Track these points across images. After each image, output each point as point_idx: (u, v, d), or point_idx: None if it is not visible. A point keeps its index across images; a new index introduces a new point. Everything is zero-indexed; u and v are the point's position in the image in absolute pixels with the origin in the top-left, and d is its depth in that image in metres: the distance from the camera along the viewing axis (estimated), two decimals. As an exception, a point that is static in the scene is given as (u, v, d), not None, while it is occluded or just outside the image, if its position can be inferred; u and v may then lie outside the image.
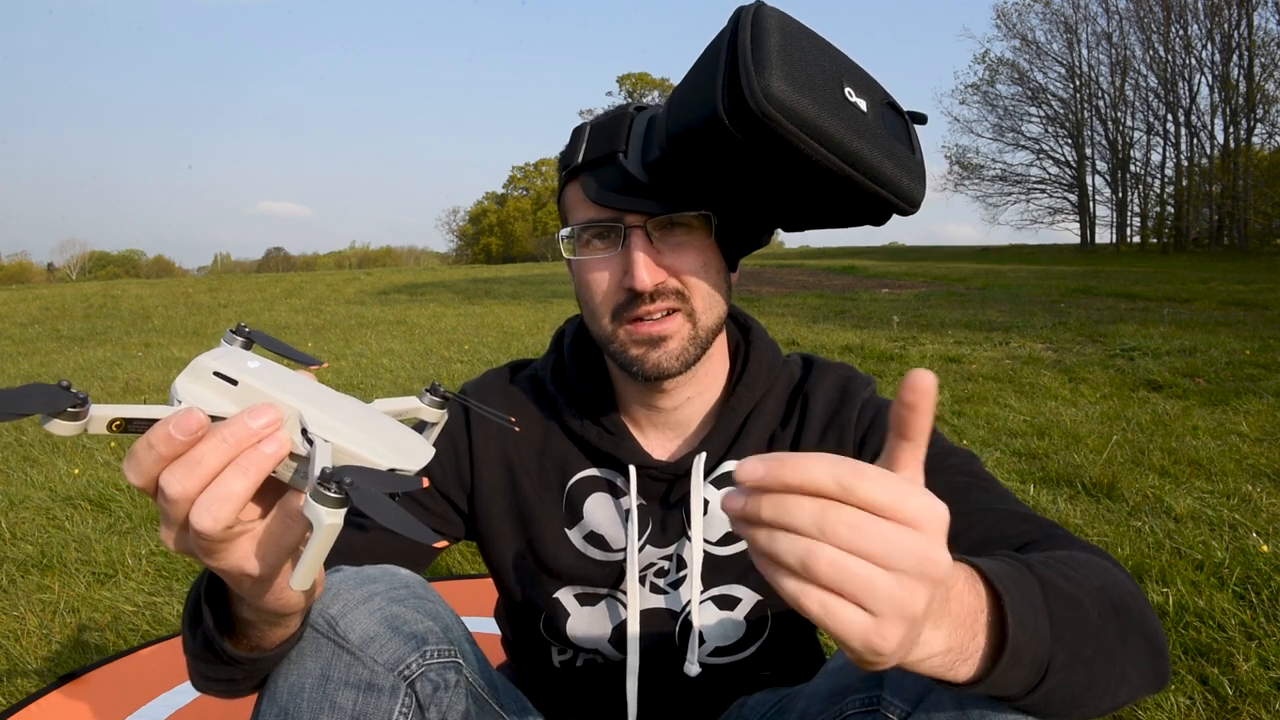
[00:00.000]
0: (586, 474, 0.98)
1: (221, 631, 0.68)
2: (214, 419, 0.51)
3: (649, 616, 0.96)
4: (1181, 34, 35.05)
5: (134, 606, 2.28)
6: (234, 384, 0.53)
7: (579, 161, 0.88)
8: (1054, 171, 42.80)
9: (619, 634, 0.97)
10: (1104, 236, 41.09)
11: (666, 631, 0.96)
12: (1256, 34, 32.49)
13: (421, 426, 0.68)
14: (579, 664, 1.01)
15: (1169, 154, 37.77)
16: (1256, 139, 33.90)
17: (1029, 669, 0.53)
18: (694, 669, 0.93)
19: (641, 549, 0.96)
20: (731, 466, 0.96)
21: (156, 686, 1.82)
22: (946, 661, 0.50)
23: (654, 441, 0.98)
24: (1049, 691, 0.56)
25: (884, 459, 0.50)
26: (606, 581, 0.97)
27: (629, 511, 0.95)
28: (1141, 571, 2.23)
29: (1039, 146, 42.36)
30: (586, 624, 0.97)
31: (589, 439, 0.97)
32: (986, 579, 0.54)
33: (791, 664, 1.01)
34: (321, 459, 0.50)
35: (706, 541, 0.95)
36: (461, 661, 0.79)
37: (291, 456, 0.52)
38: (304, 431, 0.52)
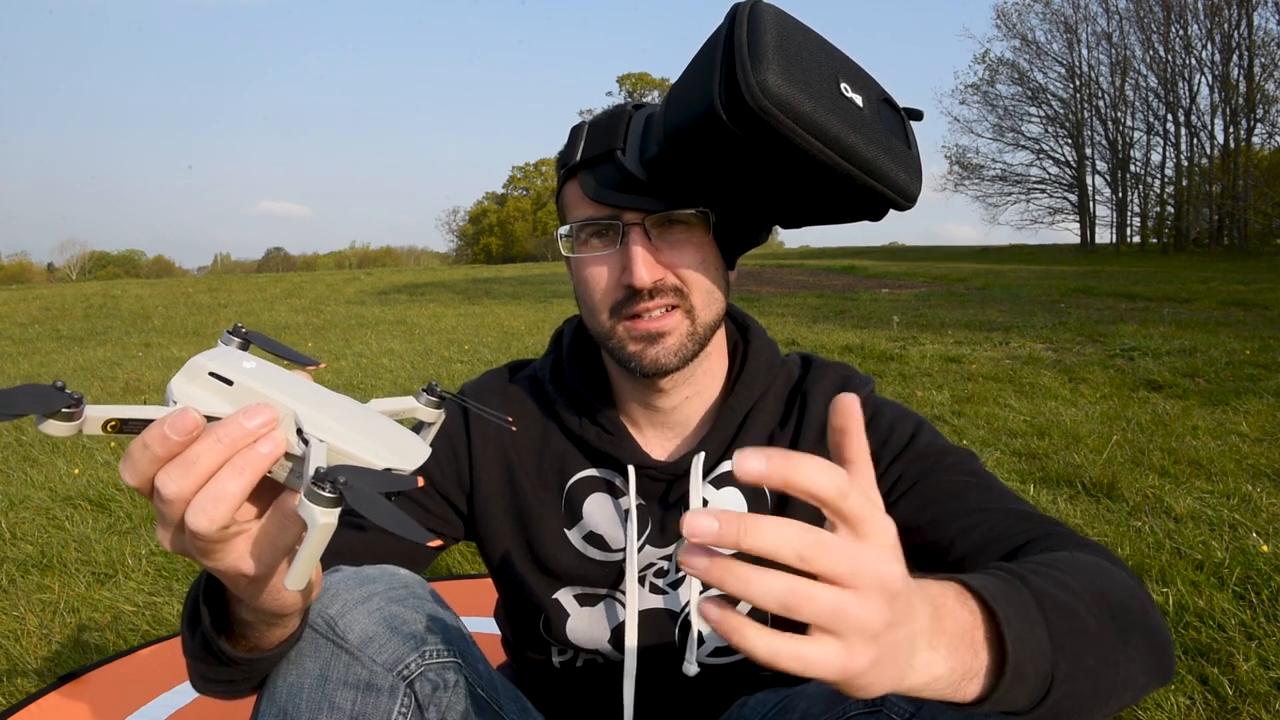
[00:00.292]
0: (585, 474, 0.98)
1: (220, 632, 0.67)
2: (210, 419, 0.51)
3: (648, 617, 0.96)
4: (1181, 34, 35.07)
5: (134, 606, 2.28)
6: (229, 384, 0.53)
7: (577, 160, 0.88)
8: (1054, 171, 42.85)
9: (618, 634, 0.97)
10: (1104, 236, 41.19)
11: (666, 632, 0.96)
12: (1256, 34, 32.53)
13: (419, 427, 0.68)
14: (579, 664, 1.01)
15: (1169, 154, 37.83)
16: (1256, 139, 33.96)
17: (1033, 683, 0.53)
18: (693, 669, 0.93)
19: (641, 549, 0.95)
20: (731, 466, 0.95)
21: (156, 686, 1.82)
22: (952, 682, 0.50)
23: (653, 441, 0.98)
24: (1056, 703, 0.55)
25: None
26: (606, 582, 0.97)
27: (628, 511, 0.95)
28: (1142, 571, 2.23)
29: (1039, 146, 42.39)
30: (586, 624, 0.97)
31: (588, 439, 0.96)
32: (978, 596, 0.53)
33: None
34: (316, 459, 0.49)
35: None
36: (461, 661, 0.79)
37: (287, 456, 0.52)
38: (299, 431, 0.52)
